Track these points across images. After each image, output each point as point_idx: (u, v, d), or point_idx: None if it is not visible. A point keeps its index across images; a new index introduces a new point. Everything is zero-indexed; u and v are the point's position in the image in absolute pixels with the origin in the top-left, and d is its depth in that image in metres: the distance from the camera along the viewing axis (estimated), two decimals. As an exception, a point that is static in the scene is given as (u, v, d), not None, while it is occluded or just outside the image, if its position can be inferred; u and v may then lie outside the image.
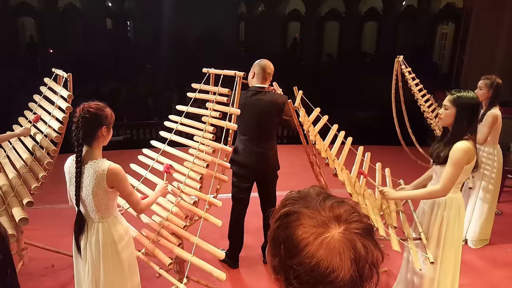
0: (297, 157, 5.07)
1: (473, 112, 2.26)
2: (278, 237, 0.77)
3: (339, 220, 0.74)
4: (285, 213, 0.78)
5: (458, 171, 2.24)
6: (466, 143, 2.21)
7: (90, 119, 1.95)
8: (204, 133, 2.56)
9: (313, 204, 0.77)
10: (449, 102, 2.27)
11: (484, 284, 3.20)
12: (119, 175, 1.97)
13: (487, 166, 3.60)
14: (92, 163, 1.96)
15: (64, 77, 2.88)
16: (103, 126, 1.99)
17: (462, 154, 2.19)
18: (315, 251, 0.70)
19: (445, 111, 2.29)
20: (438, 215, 2.41)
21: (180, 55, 9.62)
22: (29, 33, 9.82)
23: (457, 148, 2.20)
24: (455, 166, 2.22)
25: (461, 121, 2.23)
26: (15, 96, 6.55)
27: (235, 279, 3.21)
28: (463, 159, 2.21)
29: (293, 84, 2.63)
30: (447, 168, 2.25)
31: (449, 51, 9.57)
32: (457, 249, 2.47)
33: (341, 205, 0.77)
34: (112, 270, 2.07)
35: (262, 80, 2.99)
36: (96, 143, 2.00)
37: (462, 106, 2.22)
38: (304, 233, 0.73)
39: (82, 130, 1.94)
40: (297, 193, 0.84)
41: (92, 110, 1.95)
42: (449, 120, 2.28)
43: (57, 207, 4.20)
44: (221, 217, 2.28)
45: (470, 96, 2.24)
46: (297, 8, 11.15)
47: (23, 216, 2.42)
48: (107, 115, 2.01)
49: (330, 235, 0.72)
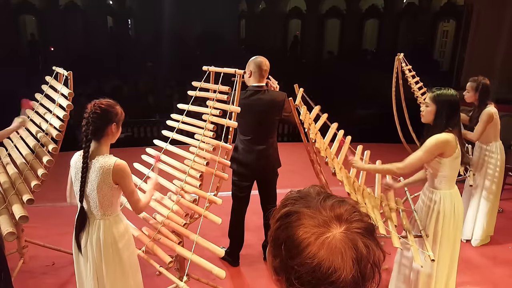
0: (298, 155, 5.07)
1: (452, 108, 2.32)
2: (279, 238, 0.76)
3: (340, 220, 0.73)
4: (285, 213, 0.77)
5: (426, 157, 2.32)
6: (444, 135, 2.28)
7: (101, 115, 1.96)
8: (204, 131, 2.56)
9: (313, 204, 0.77)
10: (429, 99, 2.35)
11: (485, 282, 3.20)
12: (125, 171, 1.98)
13: (490, 165, 3.59)
14: (99, 158, 1.97)
15: (64, 75, 2.88)
16: (113, 123, 2.01)
17: (435, 142, 2.27)
18: (317, 251, 0.70)
19: (426, 108, 2.37)
20: (434, 210, 2.44)
21: (180, 52, 9.62)
22: (30, 31, 9.83)
23: (433, 137, 2.29)
24: (424, 151, 2.31)
25: (441, 116, 2.31)
26: (17, 94, 6.55)
27: (236, 277, 3.21)
28: (435, 147, 2.28)
29: (293, 82, 2.63)
30: (417, 151, 2.35)
31: (450, 48, 9.55)
32: (454, 245, 2.48)
33: (342, 204, 0.77)
34: (113, 268, 2.08)
35: (260, 78, 2.95)
36: (105, 139, 2.02)
37: (442, 103, 2.30)
38: (305, 233, 0.72)
39: (92, 126, 1.96)
40: (297, 192, 0.83)
41: (103, 107, 1.97)
42: (430, 117, 2.36)
43: (58, 205, 4.21)
44: (221, 215, 2.28)
45: (450, 93, 2.32)
46: (298, 5, 11.13)
47: (23, 214, 2.42)
48: (118, 112, 2.03)
49: (332, 234, 0.71)
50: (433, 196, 2.45)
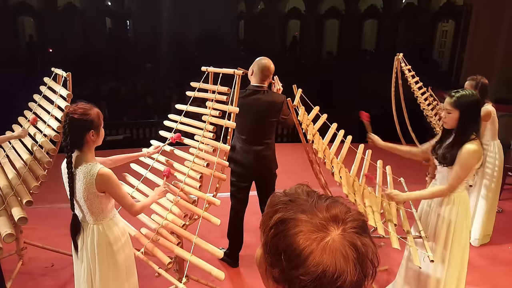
0: (296, 155, 5.07)
1: (475, 109, 2.26)
2: (277, 247, 0.74)
3: (336, 220, 0.73)
4: (279, 220, 0.75)
5: (467, 172, 2.25)
6: (474, 145, 2.20)
7: (76, 126, 1.90)
8: (204, 132, 2.55)
9: (308, 207, 0.75)
10: (450, 105, 2.25)
11: (485, 281, 3.19)
12: (109, 179, 1.92)
13: (489, 164, 3.60)
14: (82, 168, 1.92)
15: (63, 76, 2.88)
16: (90, 131, 1.93)
17: (472, 155, 2.20)
18: (320, 258, 0.69)
19: (448, 114, 2.27)
20: (446, 215, 2.38)
21: (179, 53, 9.62)
22: (29, 33, 9.82)
23: (467, 150, 2.20)
24: (464, 167, 2.23)
25: (466, 122, 2.23)
26: (15, 96, 6.55)
27: (235, 278, 3.20)
28: (473, 160, 2.22)
29: (292, 82, 2.62)
30: (456, 169, 2.25)
31: (449, 48, 9.55)
32: (465, 249, 2.45)
33: (336, 204, 0.76)
34: (107, 271, 2.06)
35: (260, 80, 2.96)
36: (86, 147, 1.96)
37: (465, 107, 2.22)
38: (305, 240, 0.70)
39: (70, 137, 1.91)
40: (284, 195, 0.80)
41: (77, 117, 1.89)
42: (453, 123, 2.27)
43: (57, 207, 4.20)
44: (221, 216, 2.28)
45: (470, 94, 2.23)
46: (297, 6, 11.13)
47: (22, 216, 2.42)
48: (93, 118, 1.94)
49: (331, 238, 0.70)
50: (446, 199, 2.39)
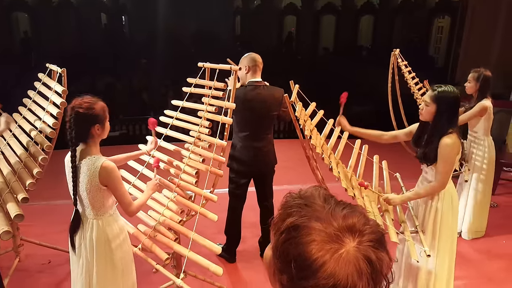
0: (293, 151, 5.06)
1: (453, 107, 2.28)
2: (288, 254, 0.71)
3: (353, 231, 0.70)
4: (292, 226, 0.72)
5: (452, 165, 2.29)
6: (452, 138, 2.24)
7: (81, 120, 1.91)
8: (200, 128, 2.55)
9: (323, 215, 0.72)
10: (429, 98, 2.28)
11: (480, 276, 3.22)
12: (112, 173, 1.94)
13: (478, 157, 3.61)
14: (86, 160, 1.94)
15: (58, 72, 2.86)
16: (96, 124, 1.95)
17: (451, 148, 2.24)
18: (332, 270, 0.67)
19: (426, 107, 2.30)
20: (432, 206, 2.44)
21: (175, 49, 9.57)
22: (23, 29, 9.73)
23: (445, 144, 2.23)
24: (447, 162, 2.27)
25: (442, 117, 2.25)
26: (10, 92, 6.50)
27: (233, 273, 3.21)
28: (453, 153, 2.25)
29: (289, 78, 2.62)
30: (440, 164, 2.28)
31: (445, 44, 9.57)
32: (452, 239, 2.50)
33: (353, 214, 0.73)
34: (104, 268, 2.06)
35: (257, 74, 2.97)
36: (92, 140, 1.98)
37: (442, 102, 2.24)
38: (317, 250, 0.68)
39: (75, 131, 1.91)
40: (299, 197, 0.77)
41: (82, 111, 1.90)
42: (429, 116, 2.31)
43: (53, 203, 4.18)
44: (218, 212, 2.28)
45: (450, 91, 2.25)
46: (293, 1, 11.10)
47: (18, 213, 2.40)
48: (99, 112, 1.95)
49: (345, 250, 0.68)
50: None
